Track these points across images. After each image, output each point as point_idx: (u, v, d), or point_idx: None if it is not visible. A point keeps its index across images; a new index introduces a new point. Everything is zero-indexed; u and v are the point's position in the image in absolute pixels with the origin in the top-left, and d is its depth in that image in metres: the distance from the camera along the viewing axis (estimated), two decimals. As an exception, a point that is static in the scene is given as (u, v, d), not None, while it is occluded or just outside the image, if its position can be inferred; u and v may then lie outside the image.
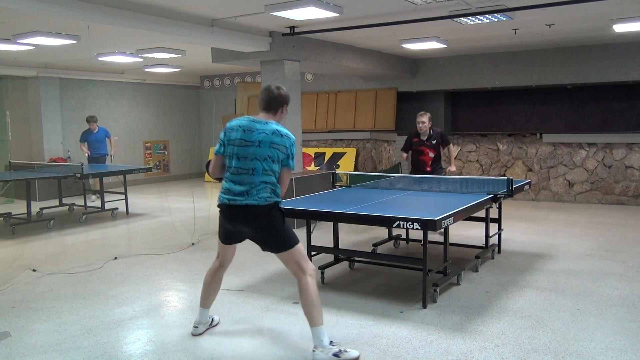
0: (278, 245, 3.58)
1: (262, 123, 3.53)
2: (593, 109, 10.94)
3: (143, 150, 14.02)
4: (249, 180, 3.47)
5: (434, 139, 7.01)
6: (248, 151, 3.47)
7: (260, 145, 3.46)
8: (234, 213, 3.52)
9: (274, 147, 3.47)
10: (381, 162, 11.90)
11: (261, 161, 3.46)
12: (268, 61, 8.29)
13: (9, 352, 3.66)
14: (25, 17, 6.42)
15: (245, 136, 3.49)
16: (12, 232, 7.65)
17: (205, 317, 3.91)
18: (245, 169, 3.47)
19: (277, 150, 3.48)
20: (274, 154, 3.48)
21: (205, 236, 7.25)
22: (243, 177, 3.48)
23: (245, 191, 3.46)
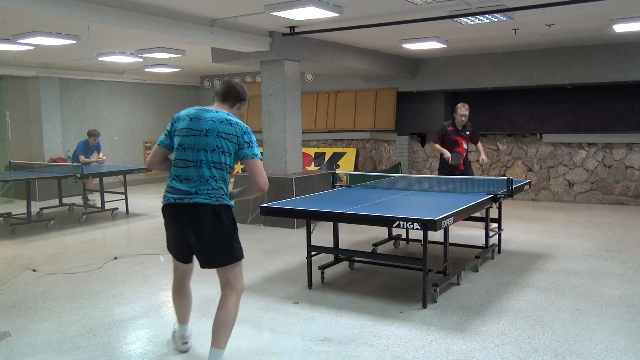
0: (224, 256, 3.17)
1: (212, 112, 3.23)
2: (593, 109, 10.95)
3: (143, 150, 14.02)
4: (197, 174, 3.10)
5: (468, 130, 6.98)
6: (194, 141, 3.13)
7: (208, 135, 3.12)
8: (180, 213, 3.12)
9: (222, 137, 3.12)
10: (381, 162, 11.90)
11: (209, 152, 3.11)
12: (268, 61, 8.29)
13: (9, 352, 3.66)
14: (25, 17, 6.41)
15: (192, 125, 3.17)
16: (12, 232, 7.65)
17: (187, 331, 3.61)
18: (192, 161, 3.12)
19: (226, 141, 3.12)
20: (223, 144, 3.11)
21: (205, 236, 7.25)
22: (190, 171, 3.12)
23: (194, 187, 3.09)
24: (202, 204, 3.09)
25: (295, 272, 5.44)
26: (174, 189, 3.15)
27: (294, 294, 4.75)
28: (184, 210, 3.11)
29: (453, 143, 7.01)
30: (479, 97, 12.09)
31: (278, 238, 7.06)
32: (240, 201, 8.36)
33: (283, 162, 8.27)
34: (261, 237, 7.15)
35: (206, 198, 3.09)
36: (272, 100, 8.30)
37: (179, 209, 3.13)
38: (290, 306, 4.46)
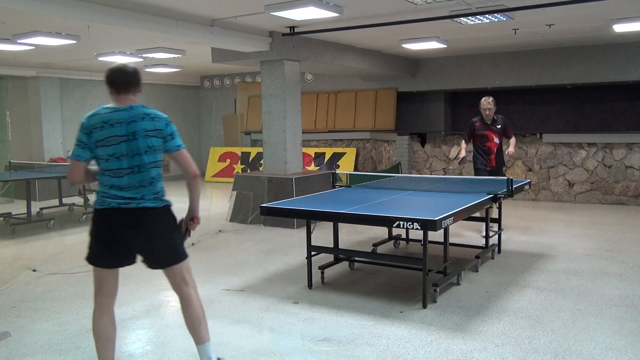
0: (171, 257, 3.13)
1: (127, 110, 3.01)
2: (593, 109, 10.95)
3: (143, 150, 14.01)
4: (139, 180, 3.00)
5: (498, 124, 6.75)
6: (126, 147, 2.97)
7: (136, 137, 2.96)
8: (126, 217, 2.99)
9: (149, 136, 2.99)
10: (381, 162, 11.90)
11: (143, 154, 2.98)
12: (268, 61, 8.29)
13: (9, 352, 3.66)
14: (25, 17, 6.41)
15: (116, 131, 2.96)
16: (12, 232, 7.65)
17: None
18: (128, 168, 2.98)
19: (154, 138, 3.00)
20: (153, 143, 3.00)
21: (205, 236, 7.25)
22: (131, 178, 2.99)
23: (139, 193, 3.00)
24: (149, 207, 3.04)
25: (295, 272, 5.44)
26: (115, 196, 3.00)
27: (294, 294, 4.75)
28: (130, 214, 3.00)
29: (482, 138, 6.82)
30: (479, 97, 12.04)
31: (278, 238, 7.06)
32: (240, 201, 8.39)
33: (283, 162, 8.27)
34: (261, 237, 7.15)
35: (153, 202, 3.06)
36: (272, 100, 8.30)
37: (124, 213, 3.00)
38: (290, 306, 4.46)
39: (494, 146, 6.76)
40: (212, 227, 7.83)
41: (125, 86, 3.06)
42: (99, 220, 3.04)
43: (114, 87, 3.07)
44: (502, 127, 6.79)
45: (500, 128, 6.78)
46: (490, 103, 6.72)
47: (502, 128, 6.79)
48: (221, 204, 9.60)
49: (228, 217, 8.40)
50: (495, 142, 6.77)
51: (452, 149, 10.61)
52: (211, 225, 7.96)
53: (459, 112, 12.58)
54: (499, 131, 6.77)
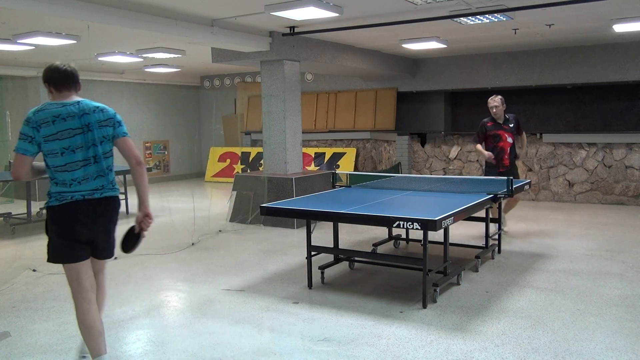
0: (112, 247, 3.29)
1: (75, 104, 3.11)
2: (593, 109, 10.95)
3: (143, 150, 14.02)
4: (95, 170, 3.10)
5: (511, 123, 6.61)
6: (82, 140, 3.07)
7: (91, 129, 3.09)
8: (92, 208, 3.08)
9: (103, 126, 3.14)
10: (381, 162, 11.90)
11: (99, 145, 3.11)
12: (268, 61, 8.29)
13: (9, 352, 3.66)
14: (25, 17, 6.41)
15: (69, 125, 3.04)
16: (12, 232, 7.65)
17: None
18: (84, 160, 3.07)
19: (106, 128, 3.15)
20: (107, 132, 3.15)
21: (205, 236, 7.25)
22: (87, 170, 3.08)
23: (98, 183, 3.11)
24: (111, 196, 3.19)
25: (295, 272, 5.44)
26: (78, 190, 3.07)
27: (294, 294, 4.75)
28: (96, 204, 3.12)
29: (495, 138, 6.64)
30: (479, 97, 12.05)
31: (278, 238, 7.06)
32: (240, 201, 8.39)
33: (283, 162, 8.27)
34: (261, 237, 7.15)
35: (113, 191, 3.21)
36: (272, 100, 8.30)
37: (91, 204, 3.10)
38: (290, 306, 4.46)
39: (507, 146, 6.62)
40: (212, 227, 7.83)
41: (65, 84, 3.15)
42: (59, 216, 3.08)
43: (54, 85, 3.14)
44: (515, 126, 6.68)
45: (513, 127, 6.65)
46: (497, 100, 6.61)
47: (515, 127, 6.68)
48: (221, 204, 9.60)
49: (228, 217, 8.40)
50: (508, 142, 6.63)
51: (452, 148, 10.62)
52: (211, 225, 7.96)
53: (459, 112, 12.58)
54: (512, 130, 6.64)
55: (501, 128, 6.64)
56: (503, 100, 6.67)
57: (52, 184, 3.11)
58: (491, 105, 6.62)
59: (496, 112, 6.60)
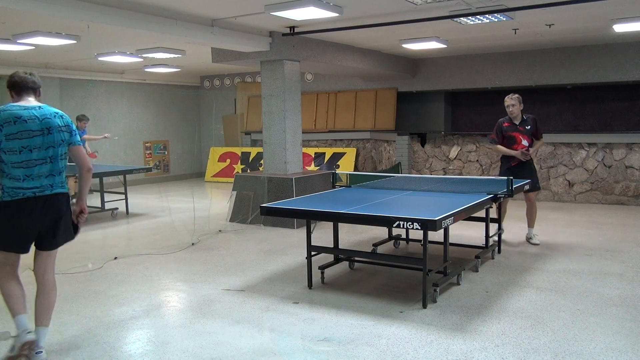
0: (67, 236, 3.61)
1: (37, 109, 3.45)
2: (593, 109, 10.95)
3: (143, 150, 14.03)
4: (48, 169, 3.44)
5: (527, 125, 6.23)
6: (41, 141, 3.39)
7: (51, 132, 3.43)
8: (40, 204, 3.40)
9: (62, 131, 3.49)
10: (381, 162, 11.90)
11: (56, 147, 3.46)
12: (268, 61, 8.29)
13: (9, 352, 3.65)
14: (25, 17, 6.42)
15: (29, 126, 3.36)
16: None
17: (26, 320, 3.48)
18: (40, 159, 3.40)
19: (64, 133, 3.51)
20: (64, 137, 3.50)
21: (205, 236, 7.25)
22: (41, 168, 3.40)
23: (49, 181, 3.45)
24: (60, 193, 3.51)
25: (295, 272, 5.44)
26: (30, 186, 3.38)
27: (294, 294, 4.75)
28: (46, 200, 3.44)
29: (510, 140, 6.28)
30: (479, 97, 12.09)
31: (278, 238, 7.06)
32: (240, 201, 8.38)
33: (283, 162, 8.27)
34: (261, 237, 7.15)
35: (62, 188, 3.53)
36: (272, 100, 8.30)
37: (41, 200, 3.42)
38: (290, 306, 4.46)
39: (521, 149, 6.24)
40: (212, 227, 7.83)
41: (25, 89, 3.52)
42: (9, 211, 3.37)
43: (15, 90, 3.53)
44: (532, 129, 6.29)
45: (529, 129, 6.25)
46: (514, 99, 6.24)
47: (532, 129, 6.29)
48: (221, 204, 9.60)
49: (228, 217, 8.40)
50: (523, 145, 6.23)
51: (452, 148, 10.62)
52: (211, 225, 7.96)
53: (459, 112, 12.58)
54: (527, 133, 6.24)
55: (516, 130, 6.28)
56: (520, 99, 6.33)
57: (7, 179, 3.38)
58: (507, 104, 6.29)
59: (512, 110, 6.24)
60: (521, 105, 6.36)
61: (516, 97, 6.35)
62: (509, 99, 6.36)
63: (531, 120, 6.38)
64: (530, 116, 6.43)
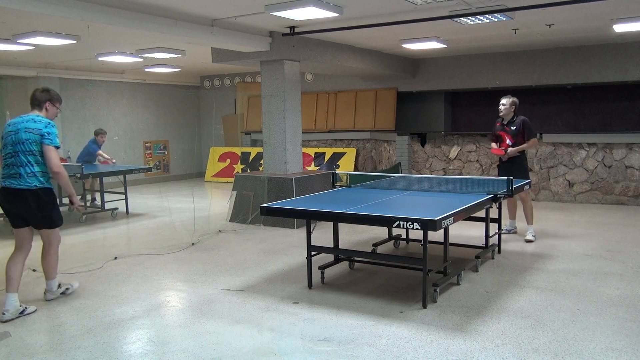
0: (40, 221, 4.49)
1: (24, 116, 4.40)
2: (593, 109, 10.95)
3: (143, 150, 14.03)
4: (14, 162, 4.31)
5: (514, 125, 6.44)
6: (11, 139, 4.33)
7: (18, 132, 4.30)
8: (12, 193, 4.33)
9: (28, 131, 4.29)
10: (381, 162, 11.90)
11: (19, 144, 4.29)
12: (268, 61, 8.29)
13: (9, 352, 3.66)
14: (25, 17, 6.42)
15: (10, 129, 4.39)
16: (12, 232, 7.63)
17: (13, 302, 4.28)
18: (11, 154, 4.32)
19: (31, 134, 4.29)
20: (29, 137, 4.28)
21: (205, 236, 7.25)
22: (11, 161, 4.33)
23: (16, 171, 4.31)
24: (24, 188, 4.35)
25: (295, 272, 5.44)
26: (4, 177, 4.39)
27: (294, 294, 4.75)
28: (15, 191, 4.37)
29: (498, 138, 6.60)
30: (479, 97, 12.09)
31: (278, 238, 7.06)
32: (240, 201, 8.38)
33: (283, 162, 8.27)
34: (261, 237, 7.15)
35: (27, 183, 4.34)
36: (272, 100, 8.30)
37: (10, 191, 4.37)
38: (290, 306, 4.46)
39: (507, 146, 6.50)
40: (212, 227, 7.83)
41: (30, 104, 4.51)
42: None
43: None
44: (517, 129, 6.45)
45: (515, 130, 6.45)
46: (504, 99, 6.50)
47: (517, 130, 6.45)
48: (221, 204, 9.60)
49: (228, 217, 8.40)
50: (506, 144, 6.48)
51: (452, 148, 10.62)
52: (211, 225, 7.97)
53: (459, 112, 12.58)
54: (512, 133, 6.46)
55: (503, 129, 6.61)
56: (513, 101, 6.50)
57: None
58: (500, 103, 6.57)
59: (501, 109, 6.53)
60: (512, 107, 6.54)
61: (511, 100, 6.54)
62: (503, 97, 6.60)
63: (519, 122, 6.53)
64: (520, 118, 6.59)
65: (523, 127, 6.52)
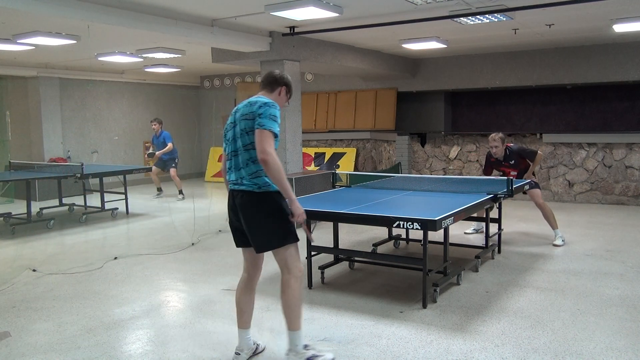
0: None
1: (246, 100, 3.39)
2: (593, 109, 10.95)
3: (143, 150, 14.02)
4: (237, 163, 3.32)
5: (511, 160, 6.46)
6: (232, 132, 3.35)
7: (237, 122, 3.31)
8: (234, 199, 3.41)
9: (246, 119, 3.24)
10: (381, 162, 11.90)
11: (240, 138, 3.27)
12: (268, 61, 8.29)
13: (9, 352, 3.66)
14: (25, 17, 6.41)
15: (231, 119, 3.42)
16: (12, 232, 7.65)
17: (246, 340, 3.47)
18: (234, 151, 3.33)
19: (249, 121, 3.22)
20: (248, 125, 3.22)
21: (205, 236, 7.25)
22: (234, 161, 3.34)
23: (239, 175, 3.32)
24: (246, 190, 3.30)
25: (295, 272, 5.43)
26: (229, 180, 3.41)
27: (294, 294, 4.74)
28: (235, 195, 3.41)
29: (501, 172, 6.66)
30: (479, 97, 12.10)
31: (278, 238, 7.05)
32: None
33: (283, 162, 8.25)
34: (261, 237, 7.13)
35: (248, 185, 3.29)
36: (272, 100, 8.28)
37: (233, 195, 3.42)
38: (290, 306, 4.45)
39: (514, 177, 6.41)
40: (212, 227, 7.83)
41: (262, 84, 3.66)
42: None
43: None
44: (516, 161, 6.49)
45: (514, 163, 6.48)
46: (496, 140, 6.38)
47: (517, 161, 6.49)
48: (221, 204, 9.60)
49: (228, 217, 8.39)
50: (512, 175, 6.44)
51: (452, 148, 10.62)
52: (211, 225, 7.96)
53: (459, 112, 12.58)
54: (513, 166, 6.49)
55: (502, 165, 6.55)
56: (503, 139, 6.46)
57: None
58: (491, 145, 6.47)
59: (496, 152, 6.44)
60: (504, 144, 6.45)
61: (499, 137, 6.42)
62: (492, 140, 6.44)
63: (515, 154, 6.48)
64: (514, 149, 6.51)
65: (521, 155, 6.52)
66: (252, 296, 3.55)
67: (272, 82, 3.61)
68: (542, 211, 6.48)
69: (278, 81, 3.64)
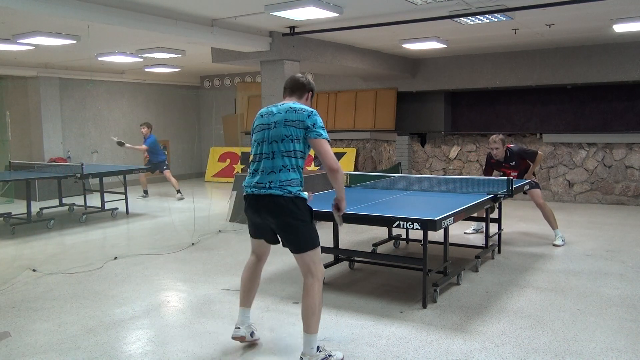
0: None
1: (280, 105, 3.46)
2: (593, 109, 10.95)
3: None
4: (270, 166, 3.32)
5: (512, 161, 6.46)
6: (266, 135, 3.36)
7: (276, 126, 3.32)
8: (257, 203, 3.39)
9: (292, 126, 3.29)
10: (381, 162, 11.90)
11: (279, 142, 3.30)
12: (268, 61, 8.29)
13: (9, 352, 3.66)
14: (25, 17, 6.41)
15: (264, 120, 3.43)
16: (12, 232, 7.65)
17: (246, 318, 3.64)
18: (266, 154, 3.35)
19: (293, 128, 3.29)
20: (290, 132, 3.28)
21: (205, 236, 7.25)
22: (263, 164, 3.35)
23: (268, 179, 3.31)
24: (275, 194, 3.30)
25: (295, 272, 5.43)
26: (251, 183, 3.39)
27: (294, 294, 4.75)
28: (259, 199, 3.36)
29: (501, 172, 6.66)
30: (479, 97, 12.09)
31: (278, 238, 7.05)
32: (240, 201, 8.36)
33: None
34: (261, 237, 7.14)
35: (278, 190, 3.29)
36: (272, 100, 8.28)
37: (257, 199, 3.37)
38: (290, 306, 4.46)
39: (515, 177, 6.43)
40: (212, 227, 7.83)
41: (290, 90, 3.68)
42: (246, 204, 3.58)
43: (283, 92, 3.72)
44: (517, 162, 6.49)
45: (515, 164, 6.49)
46: (497, 142, 6.38)
47: (517, 162, 6.49)
48: (221, 204, 9.60)
49: (228, 217, 8.40)
50: (513, 176, 6.43)
51: (452, 148, 10.62)
52: (211, 225, 7.96)
53: (459, 112, 12.58)
54: (514, 167, 6.50)
55: (502, 166, 6.55)
56: (504, 140, 6.45)
57: None
58: (491, 147, 6.45)
59: (497, 154, 6.41)
60: (504, 146, 6.45)
61: (500, 139, 6.40)
62: (493, 142, 6.42)
63: (515, 156, 6.47)
64: (515, 151, 6.49)
65: (522, 156, 6.51)
66: (258, 278, 3.75)
67: (301, 87, 3.65)
68: (542, 211, 6.47)
69: (306, 87, 3.67)
